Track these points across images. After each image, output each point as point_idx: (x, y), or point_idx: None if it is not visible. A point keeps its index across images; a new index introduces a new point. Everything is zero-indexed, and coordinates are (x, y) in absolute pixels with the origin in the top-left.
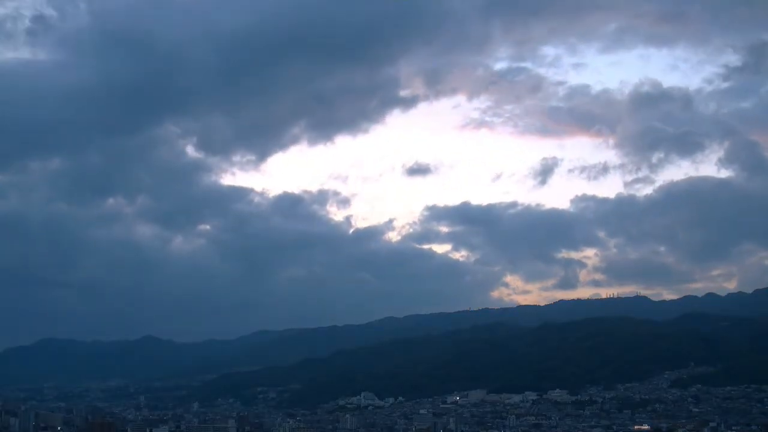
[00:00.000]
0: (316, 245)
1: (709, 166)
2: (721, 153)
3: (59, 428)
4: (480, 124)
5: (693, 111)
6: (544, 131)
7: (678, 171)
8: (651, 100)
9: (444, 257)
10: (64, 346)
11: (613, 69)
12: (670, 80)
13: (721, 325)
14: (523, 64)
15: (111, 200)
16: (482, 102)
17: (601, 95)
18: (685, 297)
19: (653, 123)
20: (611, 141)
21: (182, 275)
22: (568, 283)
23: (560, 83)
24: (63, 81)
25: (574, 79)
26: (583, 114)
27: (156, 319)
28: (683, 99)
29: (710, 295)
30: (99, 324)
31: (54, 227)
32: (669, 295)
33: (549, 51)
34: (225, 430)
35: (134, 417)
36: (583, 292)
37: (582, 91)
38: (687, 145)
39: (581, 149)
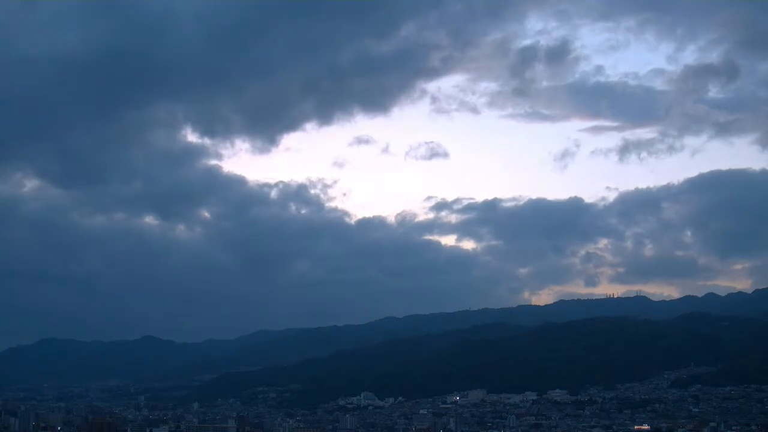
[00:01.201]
0: (316, 241)
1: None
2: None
3: (59, 428)
4: (486, 106)
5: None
6: (561, 116)
7: (703, 160)
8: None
9: (450, 251)
10: (64, 346)
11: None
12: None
13: (721, 325)
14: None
15: (102, 189)
16: (490, 83)
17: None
18: (685, 297)
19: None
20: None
21: (179, 274)
22: (582, 280)
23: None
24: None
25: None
26: (597, 96)
27: (156, 319)
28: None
29: (710, 295)
30: (99, 324)
31: (40, 217)
32: (689, 293)
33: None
34: (225, 430)
35: (134, 417)
36: (601, 290)
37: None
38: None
39: (597, 135)
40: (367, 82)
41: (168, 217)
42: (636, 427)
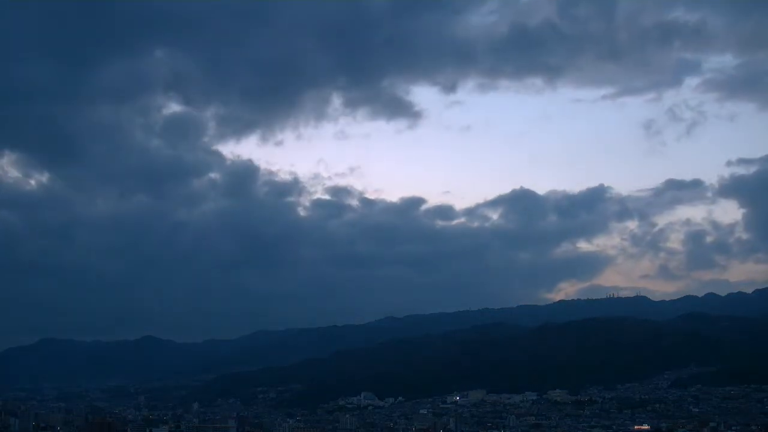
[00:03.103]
0: (318, 237)
1: None
2: None
3: (59, 428)
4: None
5: None
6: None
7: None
8: None
9: (459, 243)
10: (64, 346)
11: None
12: None
13: (721, 325)
14: None
15: (81, 170)
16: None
17: None
18: (685, 297)
19: None
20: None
21: (178, 267)
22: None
23: None
24: None
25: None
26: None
27: (156, 319)
28: None
29: (710, 295)
30: (99, 324)
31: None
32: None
33: None
34: (225, 430)
35: (134, 417)
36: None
37: None
38: None
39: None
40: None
41: (163, 201)
42: (636, 427)
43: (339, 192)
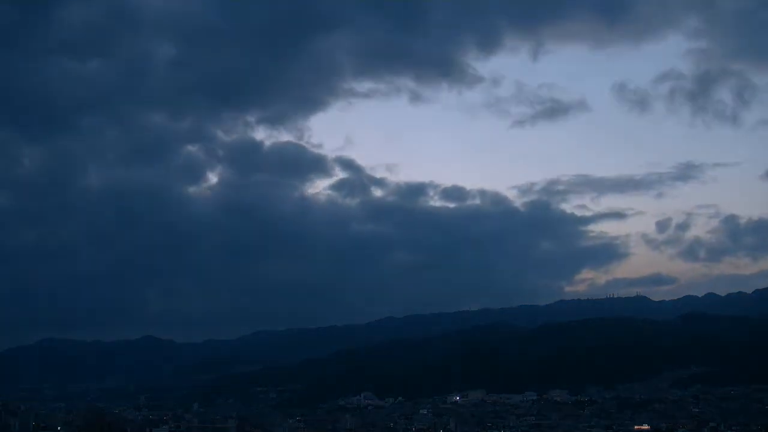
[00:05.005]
0: (318, 233)
1: None
2: None
3: (59, 428)
4: None
5: None
6: None
7: None
8: None
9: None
10: (64, 346)
11: None
12: None
13: (721, 325)
14: None
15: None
16: None
17: None
18: (685, 297)
19: None
20: None
21: (177, 262)
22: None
23: None
24: None
25: None
26: None
27: (156, 318)
28: None
29: (710, 295)
30: (99, 323)
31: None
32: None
33: None
34: (225, 430)
35: (134, 417)
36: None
37: None
38: None
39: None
40: None
41: (157, 181)
42: (636, 427)
43: (345, 165)
